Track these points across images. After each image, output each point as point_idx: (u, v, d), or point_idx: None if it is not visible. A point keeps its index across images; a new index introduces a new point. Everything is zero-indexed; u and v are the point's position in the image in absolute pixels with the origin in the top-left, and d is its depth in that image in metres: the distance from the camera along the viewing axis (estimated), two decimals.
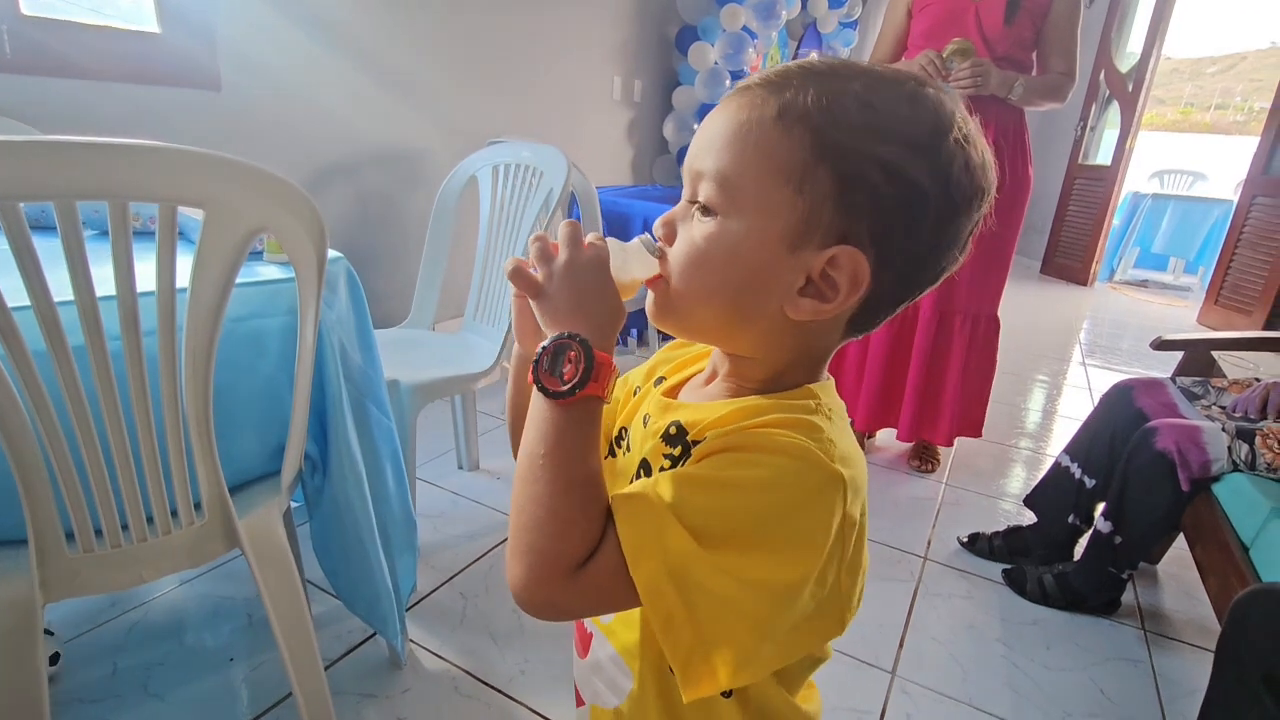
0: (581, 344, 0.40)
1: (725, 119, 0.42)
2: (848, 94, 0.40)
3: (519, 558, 0.39)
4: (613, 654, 0.51)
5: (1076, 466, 1.52)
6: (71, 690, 1.09)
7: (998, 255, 1.89)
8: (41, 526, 0.71)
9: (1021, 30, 1.74)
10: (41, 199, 0.57)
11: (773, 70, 0.42)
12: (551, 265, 0.44)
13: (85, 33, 1.68)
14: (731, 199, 0.41)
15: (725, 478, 0.39)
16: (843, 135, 0.39)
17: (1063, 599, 1.46)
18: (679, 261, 0.44)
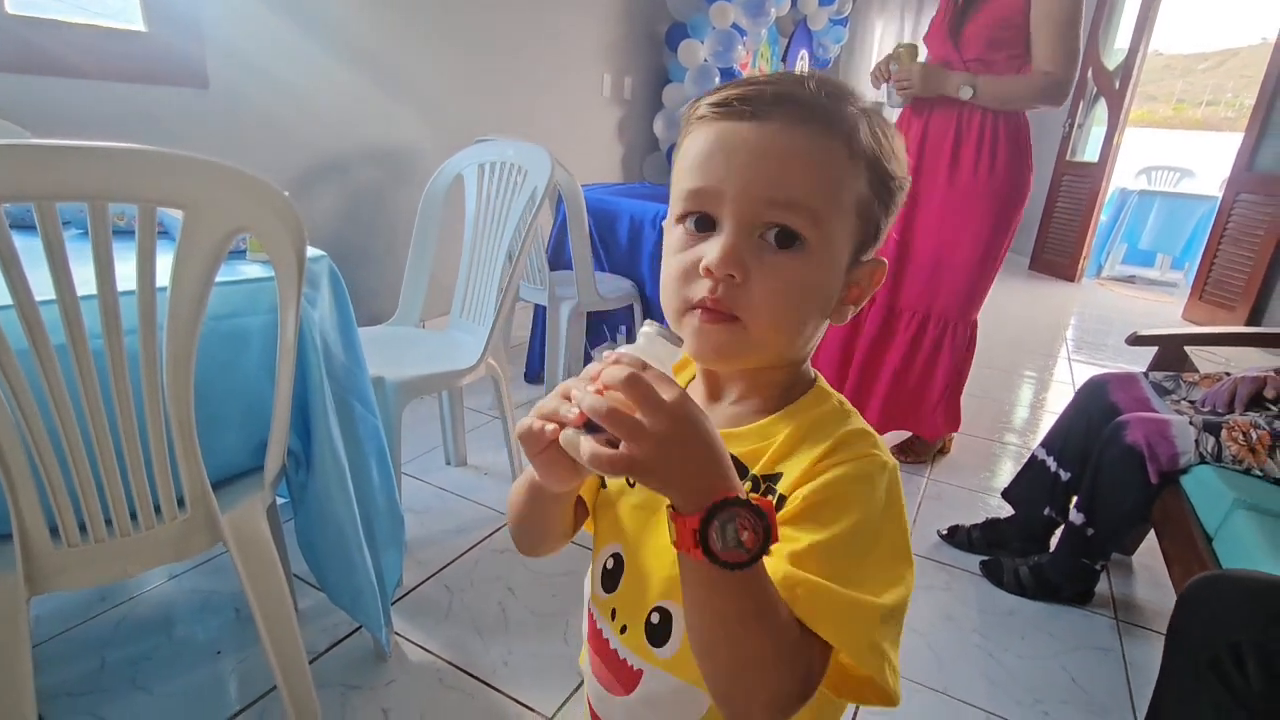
0: (746, 507, 0.36)
1: (802, 150, 0.42)
2: (878, 125, 0.45)
3: (768, 712, 0.39)
4: (679, 685, 0.49)
5: (1052, 460, 1.55)
6: (59, 684, 1.11)
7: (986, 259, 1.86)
8: (25, 522, 0.73)
9: (988, 31, 1.71)
10: (21, 200, 0.59)
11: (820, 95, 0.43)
12: (642, 435, 0.35)
13: (71, 31, 1.68)
14: (821, 231, 0.43)
15: (862, 529, 0.41)
16: (885, 165, 0.45)
17: (1038, 589, 1.49)
18: (771, 300, 0.43)
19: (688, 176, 0.44)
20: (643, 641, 0.50)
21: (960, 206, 1.83)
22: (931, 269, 1.91)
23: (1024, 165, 1.80)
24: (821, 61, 4.98)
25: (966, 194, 1.82)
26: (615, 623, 0.52)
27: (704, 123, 0.44)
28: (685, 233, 0.45)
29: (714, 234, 0.44)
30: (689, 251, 0.44)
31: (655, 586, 0.49)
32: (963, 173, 1.82)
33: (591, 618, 0.56)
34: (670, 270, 0.46)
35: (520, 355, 2.71)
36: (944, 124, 1.83)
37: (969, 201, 1.82)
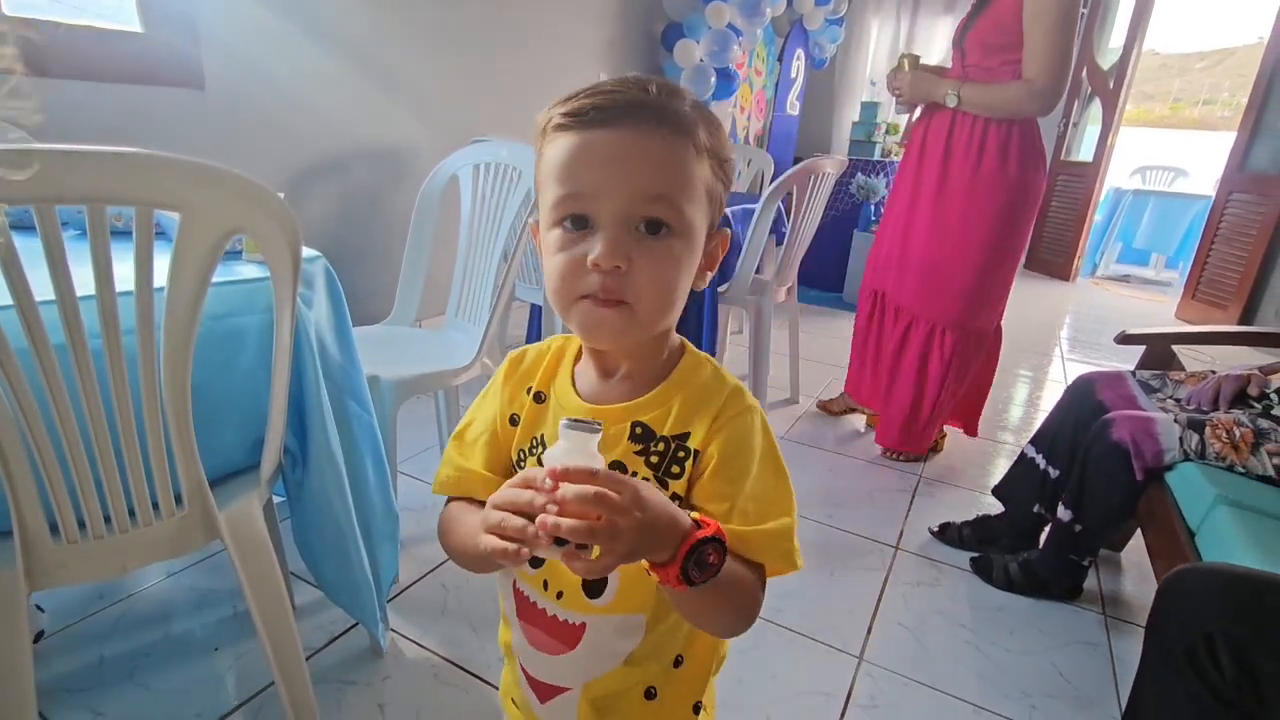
0: (709, 541, 0.44)
1: (658, 150, 0.48)
2: (708, 117, 0.52)
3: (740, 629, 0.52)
4: (619, 620, 0.57)
5: (1041, 457, 1.57)
6: (58, 680, 1.12)
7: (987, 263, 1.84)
8: (25, 518, 0.74)
9: (989, 36, 1.72)
10: (20, 203, 0.60)
11: (663, 98, 0.49)
12: (620, 537, 0.41)
13: (68, 32, 1.69)
14: (683, 218, 0.49)
15: (761, 476, 0.53)
16: (721, 151, 0.52)
17: (1027, 585, 1.51)
18: (654, 283, 0.49)
19: (558, 184, 0.49)
20: (581, 599, 0.57)
21: (952, 209, 1.85)
22: (923, 271, 1.93)
23: (1024, 168, 1.77)
24: (817, 61, 5.00)
25: (956, 197, 1.83)
26: (549, 592, 0.58)
27: (562, 132, 0.49)
28: (563, 233, 0.49)
29: (591, 231, 0.48)
30: (572, 250, 0.49)
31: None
32: (953, 176, 1.83)
33: (520, 594, 0.61)
34: (556, 268, 0.50)
35: None
36: (940, 128, 1.84)
37: (960, 204, 1.83)
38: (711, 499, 0.52)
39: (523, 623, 0.61)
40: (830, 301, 4.13)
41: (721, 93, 3.80)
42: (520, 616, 0.61)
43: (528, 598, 0.60)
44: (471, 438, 0.61)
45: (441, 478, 0.61)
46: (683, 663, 0.61)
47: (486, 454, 0.60)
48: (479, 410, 0.63)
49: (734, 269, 2.22)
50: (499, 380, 0.62)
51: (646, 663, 0.58)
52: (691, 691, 0.63)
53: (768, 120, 4.94)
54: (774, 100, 4.88)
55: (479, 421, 0.62)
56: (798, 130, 5.23)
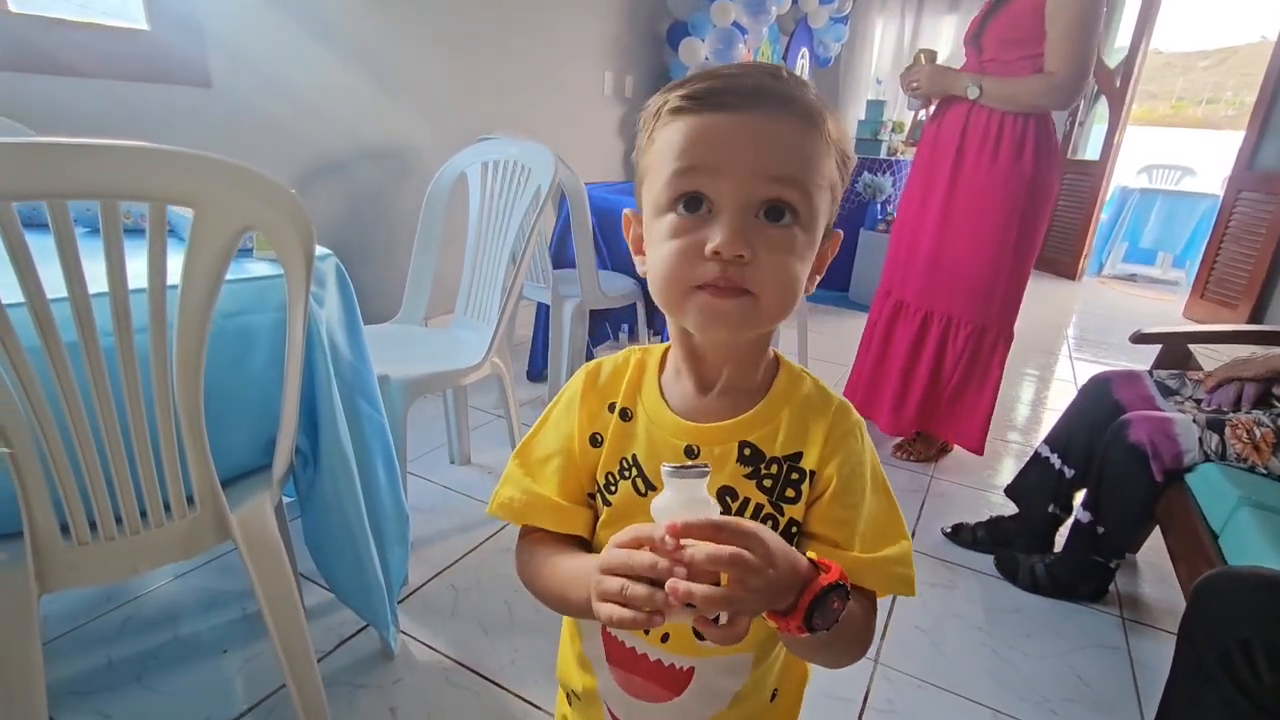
0: (834, 589, 0.42)
1: (790, 135, 0.45)
2: (834, 113, 0.48)
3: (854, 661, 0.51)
4: (728, 661, 0.54)
5: (1056, 457, 1.55)
6: (66, 683, 1.11)
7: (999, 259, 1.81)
8: (36, 519, 0.73)
9: (1008, 31, 1.70)
10: (33, 199, 0.59)
11: (794, 86, 0.46)
12: (757, 598, 0.40)
13: (74, 30, 1.68)
14: (811, 206, 0.46)
15: (874, 504, 0.52)
16: (845, 149, 0.49)
17: (1053, 587, 1.49)
18: (778, 273, 0.45)
19: (675, 159, 0.45)
20: (690, 642, 0.53)
21: (962, 204, 1.83)
22: (932, 265, 1.91)
23: (1038, 163, 1.75)
24: (822, 60, 4.98)
25: (968, 192, 1.82)
26: (651, 636, 0.54)
27: (680, 115, 0.45)
28: (677, 218, 0.45)
29: (708, 217, 0.45)
30: (686, 237, 0.45)
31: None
32: (965, 170, 1.81)
33: (613, 640, 0.56)
34: (669, 256, 0.45)
35: (523, 353, 2.71)
36: (953, 123, 1.83)
37: (970, 199, 1.82)
38: (831, 525, 0.50)
39: (616, 669, 0.57)
40: (836, 300, 4.11)
41: None
42: (614, 663, 0.57)
43: (624, 643, 0.55)
44: (540, 457, 0.56)
45: (503, 498, 0.55)
46: (778, 696, 0.59)
47: (560, 479, 0.54)
48: (549, 429, 0.57)
49: None
50: (575, 396, 0.56)
51: (749, 700, 0.56)
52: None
53: None
54: None
55: (550, 441, 0.56)
56: None
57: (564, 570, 0.51)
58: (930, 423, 2.05)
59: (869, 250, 3.95)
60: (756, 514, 0.51)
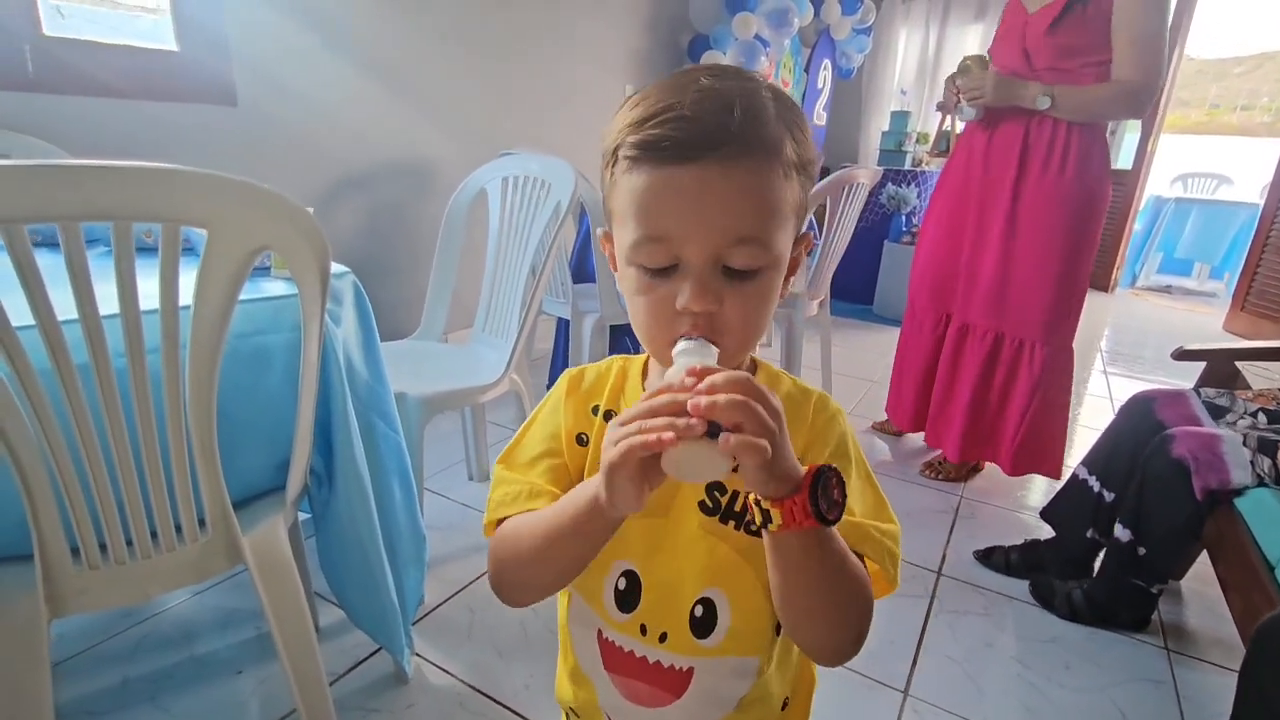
0: (830, 470, 0.42)
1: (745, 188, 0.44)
2: (796, 124, 0.47)
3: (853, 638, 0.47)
4: (734, 662, 0.54)
5: (1095, 480, 1.49)
6: (80, 702, 1.10)
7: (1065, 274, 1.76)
8: (47, 543, 0.72)
9: (1071, 38, 1.62)
10: (46, 220, 0.58)
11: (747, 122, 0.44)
12: (769, 429, 0.39)
13: (105, 51, 1.71)
14: (771, 253, 0.46)
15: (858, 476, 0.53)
16: (806, 156, 0.48)
17: (1091, 615, 1.43)
18: (745, 319, 0.46)
19: (637, 224, 0.45)
20: (689, 639, 0.53)
21: (1029, 218, 1.77)
22: (1000, 284, 1.84)
23: (1099, 173, 1.71)
24: (844, 71, 4.94)
25: (1034, 205, 1.76)
26: (649, 635, 0.54)
27: (639, 166, 0.45)
28: (644, 275, 0.47)
29: (674, 273, 0.46)
30: (655, 294, 0.46)
31: (694, 582, 0.52)
32: (1029, 183, 1.75)
33: (609, 644, 0.55)
34: (644, 311, 0.47)
35: (543, 367, 2.69)
36: (1011, 135, 1.76)
37: (1037, 212, 1.76)
38: None
39: (614, 675, 0.56)
40: (860, 314, 4.05)
41: None
42: (611, 669, 0.56)
43: (620, 647, 0.55)
44: (527, 459, 0.55)
45: (498, 499, 0.53)
46: (789, 704, 0.58)
47: (551, 477, 0.53)
48: (534, 432, 0.57)
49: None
50: (560, 399, 0.57)
51: (757, 707, 0.55)
52: None
53: None
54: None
55: (536, 443, 0.56)
56: (825, 140, 5.17)
57: (556, 504, 0.48)
58: (999, 451, 1.95)
59: (894, 263, 3.89)
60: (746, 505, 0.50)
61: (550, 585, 0.52)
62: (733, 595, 0.52)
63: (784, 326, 2.23)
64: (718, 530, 0.52)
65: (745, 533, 0.52)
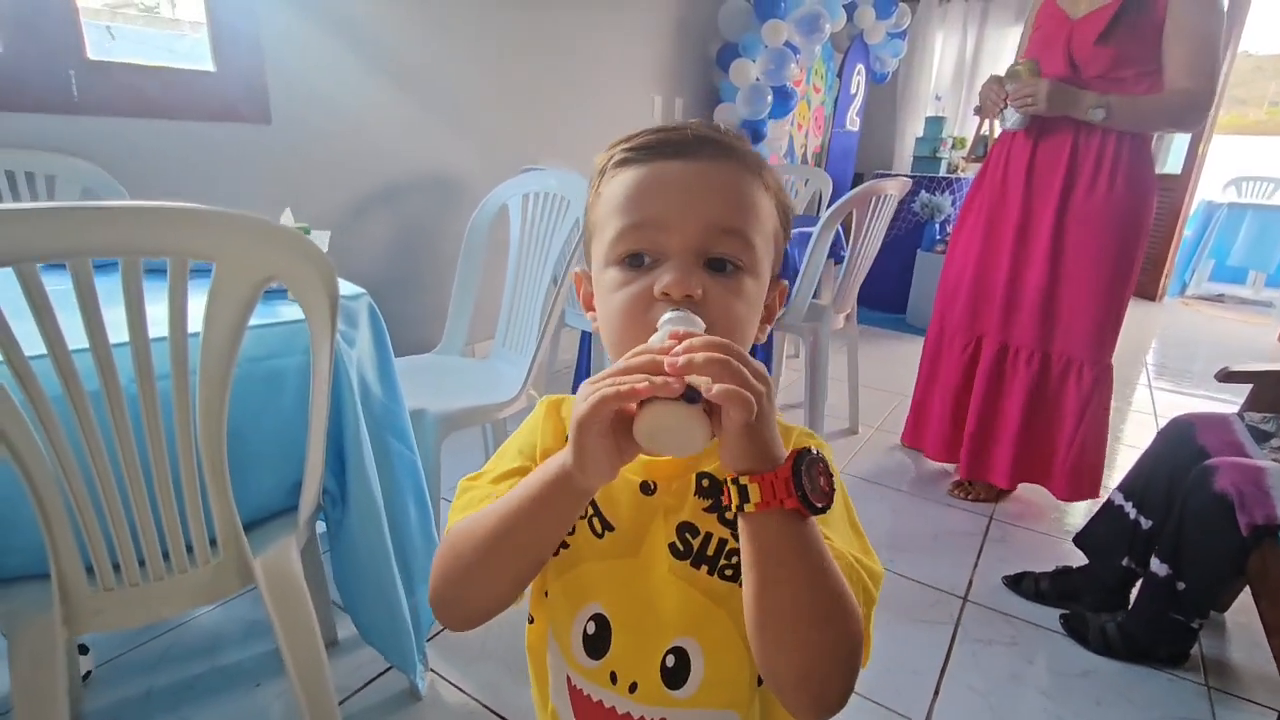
0: (817, 454, 0.40)
1: (731, 183, 0.46)
2: (774, 172, 0.50)
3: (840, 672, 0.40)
4: (710, 716, 0.51)
5: (1131, 506, 1.43)
6: (105, 712, 1.14)
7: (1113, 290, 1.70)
8: (63, 565, 0.74)
9: (1124, 47, 1.56)
10: (60, 259, 0.60)
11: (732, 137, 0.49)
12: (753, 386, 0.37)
13: (146, 74, 1.77)
14: (754, 255, 0.47)
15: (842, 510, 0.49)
16: (785, 201, 0.51)
17: (1126, 649, 1.36)
18: (728, 317, 0.45)
19: (621, 215, 0.46)
20: (660, 690, 0.50)
21: (1077, 234, 1.71)
22: (1046, 302, 1.78)
23: (1148, 185, 1.66)
24: (879, 76, 4.87)
25: (1083, 220, 1.69)
26: (619, 685, 0.51)
27: (626, 166, 0.47)
28: (623, 270, 0.46)
29: (653, 267, 0.45)
30: (636, 284, 0.45)
31: (665, 629, 0.50)
32: (1078, 197, 1.69)
33: (578, 693, 0.53)
34: (619, 305, 0.46)
35: (566, 379, 2.70)
36: (1057, 146, 1.70)
37: (1086, 228, 1.69)
38: None
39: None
40: (892, 324, 3.97)
41: (778, 111, 3.74)
42: (580, 718, 0.54)
43: (589, 696, 0.52)
44: (497, 473, 0.53)
45: (458, 507, 0.51)
46: None
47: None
48: (506, 449, 0.56)
49: (789, 294, 2.14)
50: (538, 419, 0.56)
51: None
52: None
53: (826, 137, 4.83)
54: (833, 116, 4.77)
55: (508, 458, 0.54)
56: (857, 146, 5.09)
57: (517, 486, 0.45)
58: (1050, 476, 1.88)
59: (926, 272, 3.81)
60: (720, 549, 0.48)
61: (498, 590, 0.47)
62: (707, 645, 0.49)
63: (809, 340, 2.19)
64: (689, 575, 0.49)
65: (719, 578, 0.48)
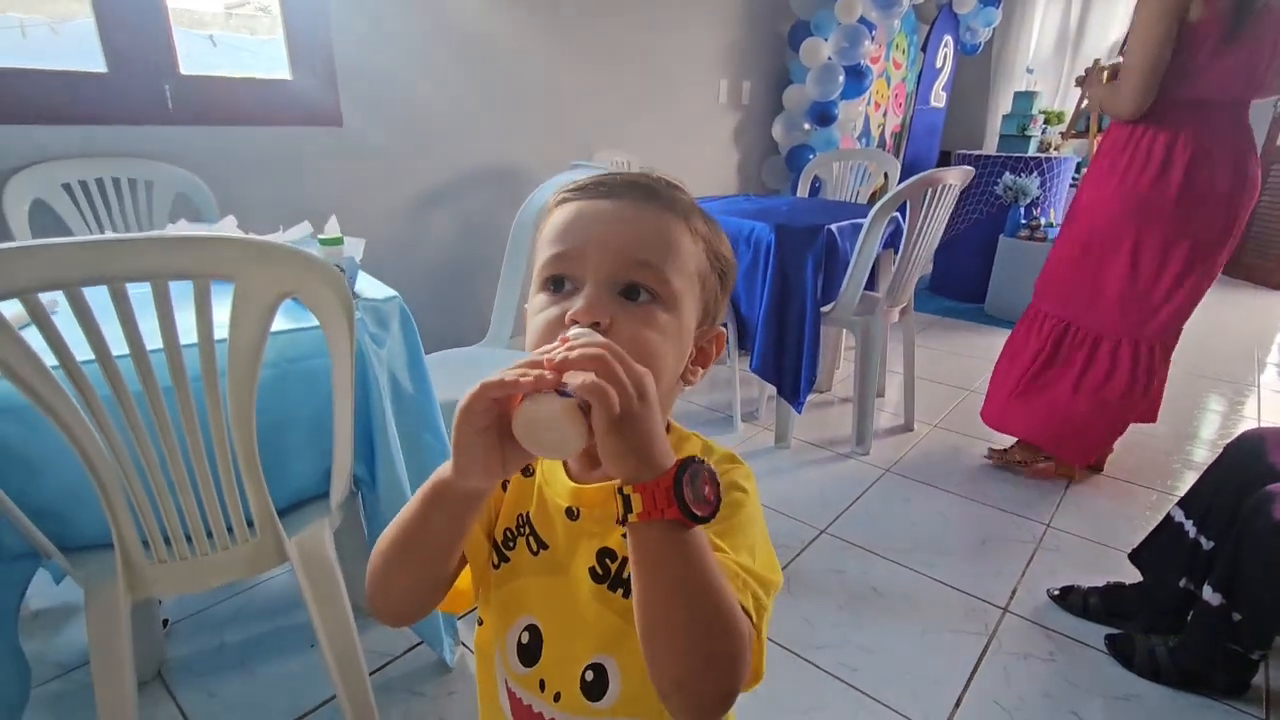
0: (702, 463, 0.40)
1: (650, 221, 0.50)
2: (706, 216, 0.53)
3: (718, 683, 0.41)
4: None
5: (1192, 524, 1.33)
6: (184, 660, 1.30)
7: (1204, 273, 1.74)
8: (124, 540, 0.87)
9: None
10: (98, 284, 0.69)
11: (663, 184, 0.51)
12: (626, 390, 0.38)
13: (232, 85, 1.94)
14: (673, 293, 0.49)
15: (744, 524, 0.49)
16: (718, 247, 0.54)
17: (1177, 676, 1.28)
18: (636, 347, 0.45)
19: (549, 246, 0.50)
20: (580, 701, 0.53)
21: (1189, 227, 1.69)
22: (1168, 299, 1.77)
23: (1250, 161, 1.67)
24: (969, 47, 4.57)
25: (1178, 202, 1.68)
26: (547, 692, 0.54)
27: (563, 204, 0.51)
28: (546, 295, 0.50)
29: (572, 294, 0.48)
30: (551, 309, 0.48)
31: (586, 646, 0.53)
32: (1174, 180, 1.67)
33: (514, 695, 0.57)
34: (536, 327, 0.49)
35: None
36: (1172, 133, 1.68)
37: (1182, 210, 1.68)
38: None
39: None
40: (970, 314, 3.78)
41: (851, 91, 3.58)
42: (516, 717, 0.58)
43: (521, 700, 0.56)
44: None
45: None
46: None
47: None
48: None
49: (839, 286, 2.08)
50: None
51: None
52: None
53: (908, 115, 4.59)
54: (915, 93, 4.53)
55: None
56: (944, 123, 4.82)
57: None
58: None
59: (1010, 259, 3.59)
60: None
61: (412, 589, 0.51)
62: (623, 663, 0.52)
63: (861, 333, 2.13)
64: (604, 598, 0.51)
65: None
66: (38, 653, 1.30)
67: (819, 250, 1.95)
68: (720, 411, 2.43)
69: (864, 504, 1.89)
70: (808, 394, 2.07)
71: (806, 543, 1.71)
